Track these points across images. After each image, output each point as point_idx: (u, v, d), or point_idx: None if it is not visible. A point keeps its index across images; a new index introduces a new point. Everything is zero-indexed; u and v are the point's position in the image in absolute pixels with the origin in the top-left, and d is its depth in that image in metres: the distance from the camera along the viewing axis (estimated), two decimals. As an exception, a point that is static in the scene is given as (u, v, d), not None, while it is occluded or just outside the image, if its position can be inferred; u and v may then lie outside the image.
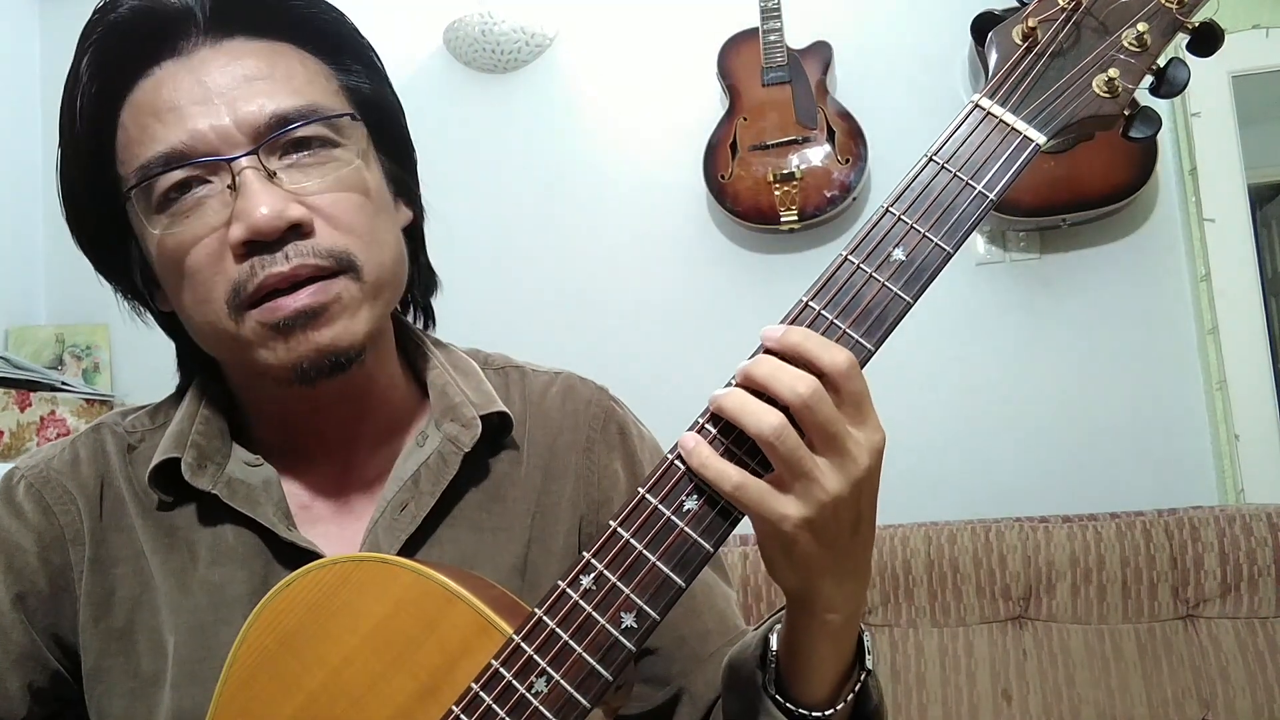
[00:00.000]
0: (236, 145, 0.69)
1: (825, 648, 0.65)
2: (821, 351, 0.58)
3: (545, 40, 2.47)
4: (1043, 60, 0.63)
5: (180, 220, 0.70)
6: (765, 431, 0.57)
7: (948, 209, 0.61)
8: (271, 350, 0.70)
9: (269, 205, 0.67)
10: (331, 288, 0.70)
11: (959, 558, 1.83)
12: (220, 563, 0.76)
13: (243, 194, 0.68)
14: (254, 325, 0.69)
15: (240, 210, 0.68)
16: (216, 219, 0.69)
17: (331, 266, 0.70)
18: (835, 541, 0.60)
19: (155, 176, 0.69)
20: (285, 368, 0.70)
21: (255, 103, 0.70)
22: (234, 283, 0.69)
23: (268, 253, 0.68)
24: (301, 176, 0.71)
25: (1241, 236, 2.10)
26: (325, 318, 0.70)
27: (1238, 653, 1.71)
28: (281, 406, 0.79)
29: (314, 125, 0.71)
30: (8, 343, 2.51)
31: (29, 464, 0.81)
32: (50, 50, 2.72)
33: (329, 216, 0.71)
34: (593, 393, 0.88)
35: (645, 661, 0.81)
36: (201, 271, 0.70)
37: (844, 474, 0.58)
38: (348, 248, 0.71)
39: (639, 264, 2.38)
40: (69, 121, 0.73)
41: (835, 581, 0.62)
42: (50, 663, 0.76)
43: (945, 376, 2.20)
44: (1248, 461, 2.04)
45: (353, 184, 0.73)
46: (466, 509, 0.79)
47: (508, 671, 0.60)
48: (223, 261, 0.69)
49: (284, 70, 0.72)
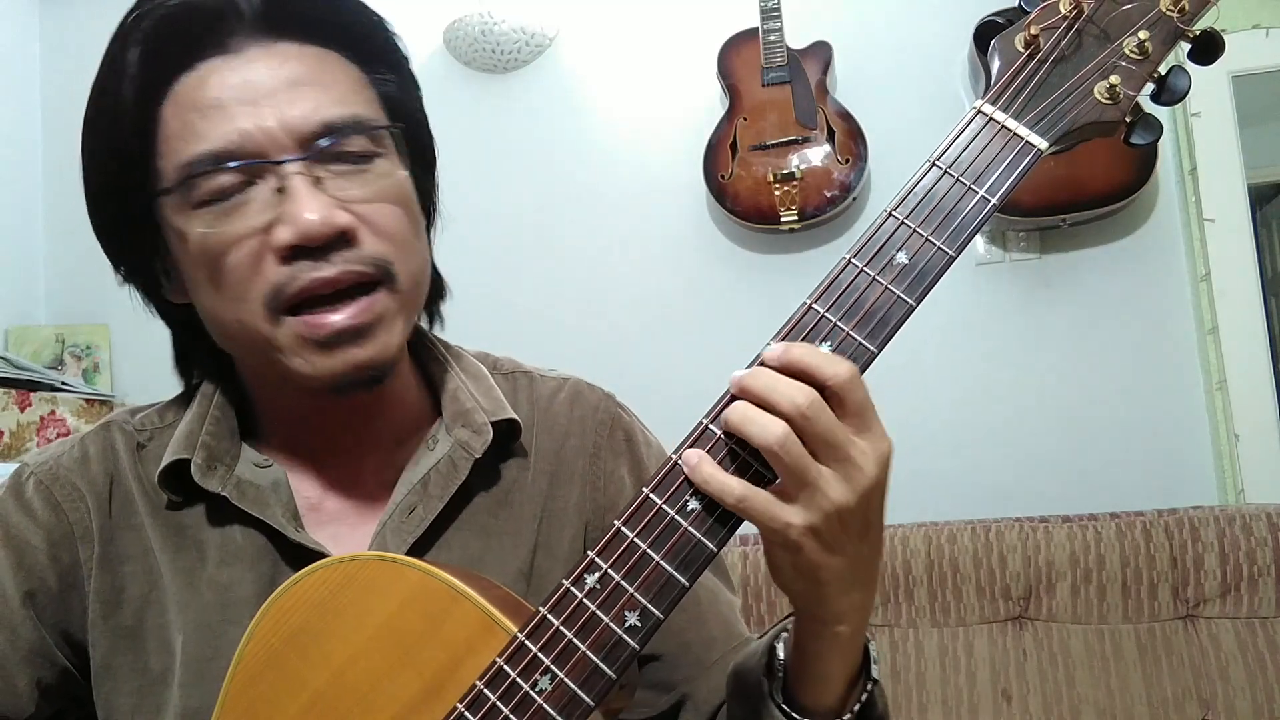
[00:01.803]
0: (283, 149, 0.69)
1: (833, 657, 0.65)
2: (824, 364, 0.58)
3: (545, 40, 2.48)
4: (1045, 67, 0.64)
5: (222, 219, 0.69)
6: (770, 442, 0.57)
7: (950, 213, 0.62)
8: (307, 361, 0.70)
9: (319, 211, 0.68)
10: (374, 306, 0.70)
11: (959, 558, 1.83)
12: (228, 563, 0.76)
13: (291, 198, 0.68)
14: (292, 333, 0.70)
15: (288, 214, 0.68)
16: (259, 220, 0.69)
17: (373, 274, 0.70)
18: (843, 550, 0.60)
19: (202, 175, 0.69)
20: (320, 379, 0.71)
21: (303, 108, 0.70)
22: (274, 285, 0.69)
23: (312, 258, 0.68)
24: (346, 184, 0.71)
25: (1241, 236, 2.11)
26: (368, 335, 0.70)
27: (1238, 653, 1.72)
28: (294, 408, 0.79)
29: (359, 136, 0.72)
30: (8, 343, 2.51)
31: (38, 460, 0.81)
32: (50, 50, 2.72)
33: (371, 224, 0.71)
34: (600, 399, 0.89)
35: (649, 667, 0.82)
36: (239, 270, 0.69)
37: (849, 483, 0.58)
38: (388, 256, 0.71)
39: (639, 264, 2.39)
40: (107, 111, 0.72)
41: (842, 590, 0.62)
42: (59, 660, 0.77)
43: (945, 376, 2.20)
44: (1248, 461, 2.05)
45: (393, 194, 0.73)
46: (474, 514, 0.79)
47: (512, 669, 0.60)
48: (262, 263, 0.69)
49: (329, 77, 0.72)
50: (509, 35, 2.45)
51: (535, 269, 2.43)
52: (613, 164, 2.43)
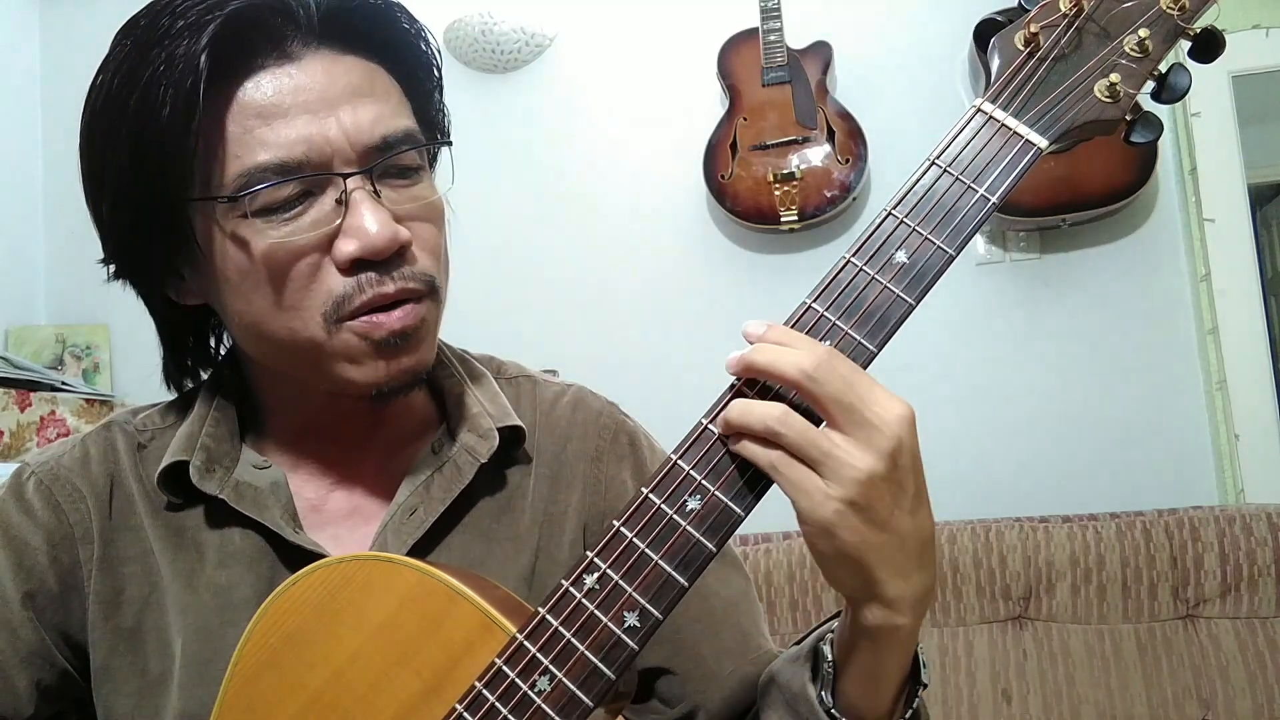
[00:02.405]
0: (347, 160, 0.69)
1: (890, 657, 0.62)
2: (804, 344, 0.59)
3: (545, 40, 2.48)
4: (1045, 65, 0.64)
5: (282, 229, 0.68)
6: (771, 422, 0.57)
7: (950, 212, 0.62)
8: (361, 366, 0.71)
9: (383, 226, 0.68)
10: (420, 310, 0.72)
11: (959, 558, 1.83)
12: (227, 564, 0.76)
13: (354, 211, 0.68)
14: (349, 338, 0.70)
15: (353, 227, 0.68)
16: (321, 231, 0.69)
17: (423, 291, 0.72)
18: (885, 524, 0.57)
19: (264, 185, 0.67)
20: (369, 384, 0.72)
21: (365, 119, 0.70)
22: (337, 296, 0.69)
23: (375, 271, 0.69)
24: (398, 198, 0.71)
25: (1241, 236, 2.11)
26: (415, 340, 0.72)
27: (1238, 653, 1.72)
28: (303, 411, 0.80)
29: (413, 152, 0.73)
30: (8, 343, 2.51)
31: (39, 460, 0.80)
32: (50, 50, 2.72)
33: (422, 241, 0.72)
34: (603, 405, 0.88)
35: (662, 681, 0.81)
36: (298, 280, 0.69)
37: (871, 446, 0.57)
38: (434, 273, 0.73)
39: (639, 264, 2.39)
40: (154, 110, 0.67)
41: (895, 573, 0.59)
42: (58, 661, 0.77)
43: (945, 376, 2.20)
44: (1248, 461, 2.05)
45: (436, 211, 0.75)
46: (477, 518, 0.79)
47: (511, 670, 0.60)
48: (321, 272, 0.69)
49: (382, 90, 0.73)
50: (509, 35, 2.45)
51: (535, 269, 2.43)
52: (613, 164, 2.43)
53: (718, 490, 0.60)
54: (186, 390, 0.85)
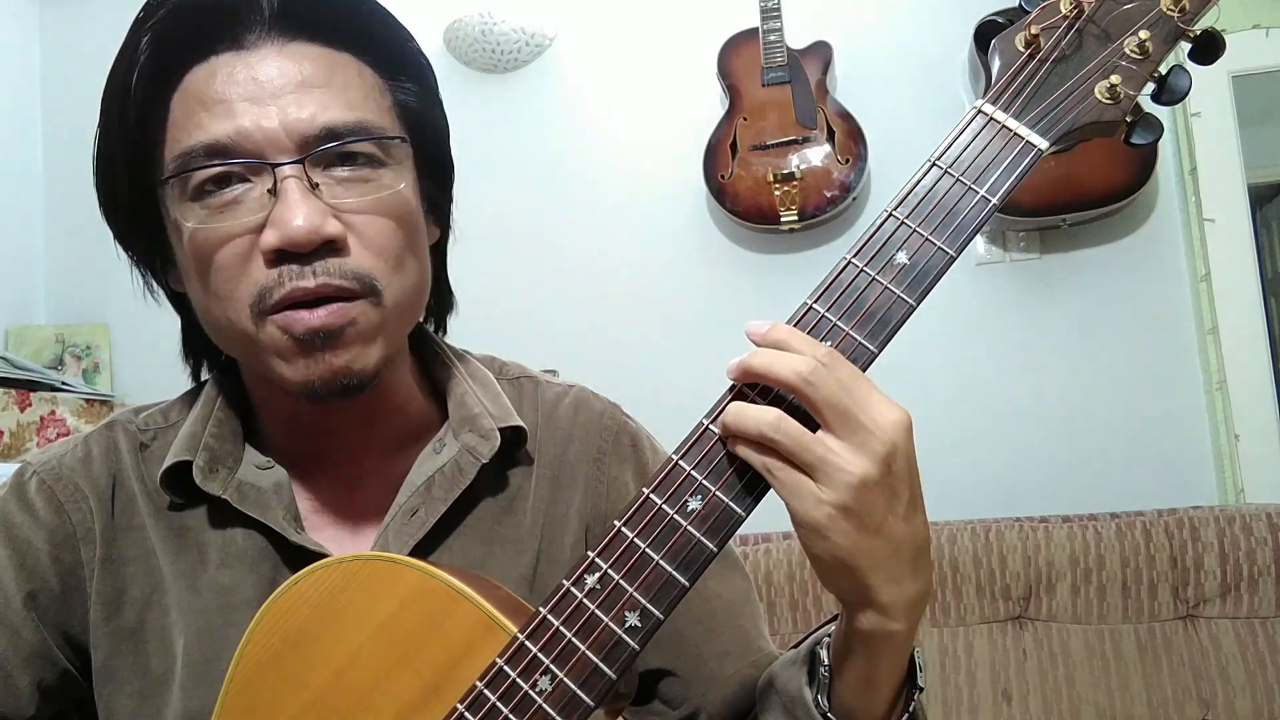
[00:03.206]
0: (283, 150, 0.68)
1: (884, 660, 0.63)
2: (804, 345, 0.59)
3: (545, 40, 2.48)
4: (1045, 66, 0.64)
5: (214, 215, 0.69)
6: (764, 428, 0.57)
7: (950, 213, 0.62)
8: (288, 363, 0.70)
9: (306, 217, 0.67)
10: (349, 310, 0.69)
11: (959, 558, 1.83)
12: (229, 565, 0.76)
13: (282, 201, 0.67)
14: (273, 331, 0.69)
15: (277, 217, 0.67)
16: (251, 220, 0.68)
17: (355, 289, 0.69)
18: (879, 529, 0.58)
19: (195, 168, 0.68)
20: (297, 383, 0.70)
21: (308, 110, 0.69)
22: (260, 287, 0.68)
23: (297, 264, 0.68)
24: (343, 191, 0.70)
25: (1241, 236, 2.11)
26: (341, 340, 0.69)
27: (1238, 653, 1.72)
28: (294, 410, 0.79)
29: (363, 143, 0.71)
30: (8, 343, 2.51)
31: (41, 459, 0.80)
32: (50, 50, 2.72)
33: (361, 236, 0.70)
34: (605, 406, 0.88)
35: (664, 683, 0.81)
36: (228, 269, 0.69)
37: (865, 450, 0.57)
38: (373, 272, 0.70)
39: (639, 264, 2.39)
40: (119, 99, 0.72)
41: (889, 578, 0.59)
42: (60, 661, 0.77)
43: (945, 376, 2.20)
44: (1248, 461, 2.05)
45: (390, 207, 0.72)
46: (478, 519, 0.79)
47: (512, 670, 0.60)
48: (250, 263, 0.69)
49: (341, 81, 0.71)
50: (509, 35, 2.45)
51: (535, 269, 2.43)
52: (613, 164, 2.43)
53: (718, 490, 0.60)
54: (190, 388, 0.85)
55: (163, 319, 0.85)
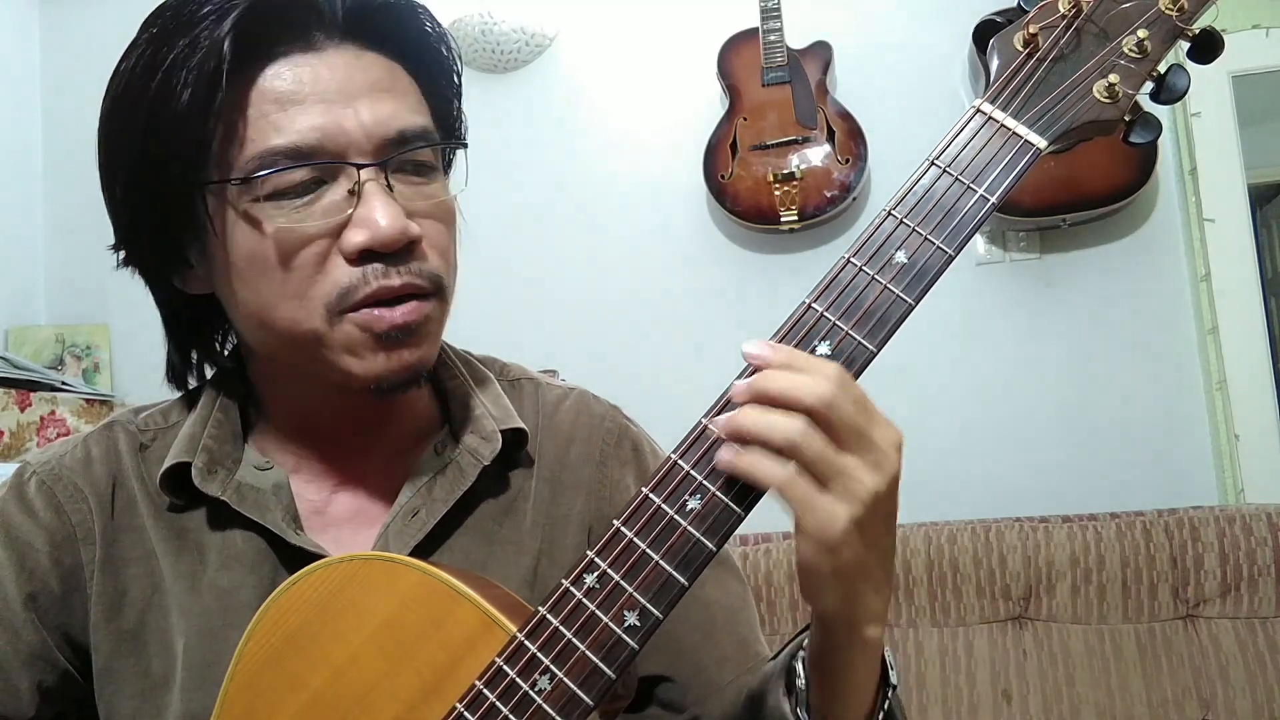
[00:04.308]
0: (362, 151, 0.69)
1: (863, 666, 0.64)
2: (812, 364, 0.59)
3: (545, 40, 2.48)
4: (1044, 66, 0.64)
5: (292, 214, 0.69)
6: (793, 436, 0.57)
7: (949, 212, 0.62)
8: (361, 359, 0.70)
9: (395, 218, 0.68)
10: (425, 308, 0.71)
11: (959, 558, 1.83)
12: (229, 567, 0.76)
13: (366, 202, 0.68)
14: (351, 330, 0.69)
15: (364, 218, 0.68)
16: (331, 221, 0.69)
17: (430, 289, 0.71)
18: (877, 542, 0.59)
19: (277, 170, 0.68)
20: (369, 378, 0.71)
21: (383, 113, 0.70)
22: (342, 287, 0.69)
23: (382, 263, 0.69)
24: (412, 195, 0.71)
25: (1241, 236, 2.11)
26: (418, 336, 0.71)
27: (1238, 653, 1.72)
28: (304, 410, 0.79)
29: (429, 150, 0.73)
30: (8, 343, 2.52)
31: (40, 460, 0.80)
32: (50, 50, 2.72)
33: (431, 239, 0.72)
34: (606, 409, 0.88)
35: (662, 688, 0.81)
36: (305, 269, 0.69)
37: (878, 469, 0.58)
38: (442, 273, 0.73)
39: (639, 264, 2.39)
40: (172, 91, 0.68)
41: (875, 588, 0.61)
42: (60, 663, 0.76)
43: (945, 376, 2.20)
44: (1248, 461, 2.05)
45: (446, 212, 0.75)
46: (479, 521, 0.79)
47: (511, 669, 0.60)
48: (329, 262, 0.69)
49: (403, 87, 0.73)
50: (509, 35, 2.46)
51: (535, 269, 2.43)
52: (613, 164, 2.43)
53: (717, 490, 0.60)
54: (190, 389, 0.84)
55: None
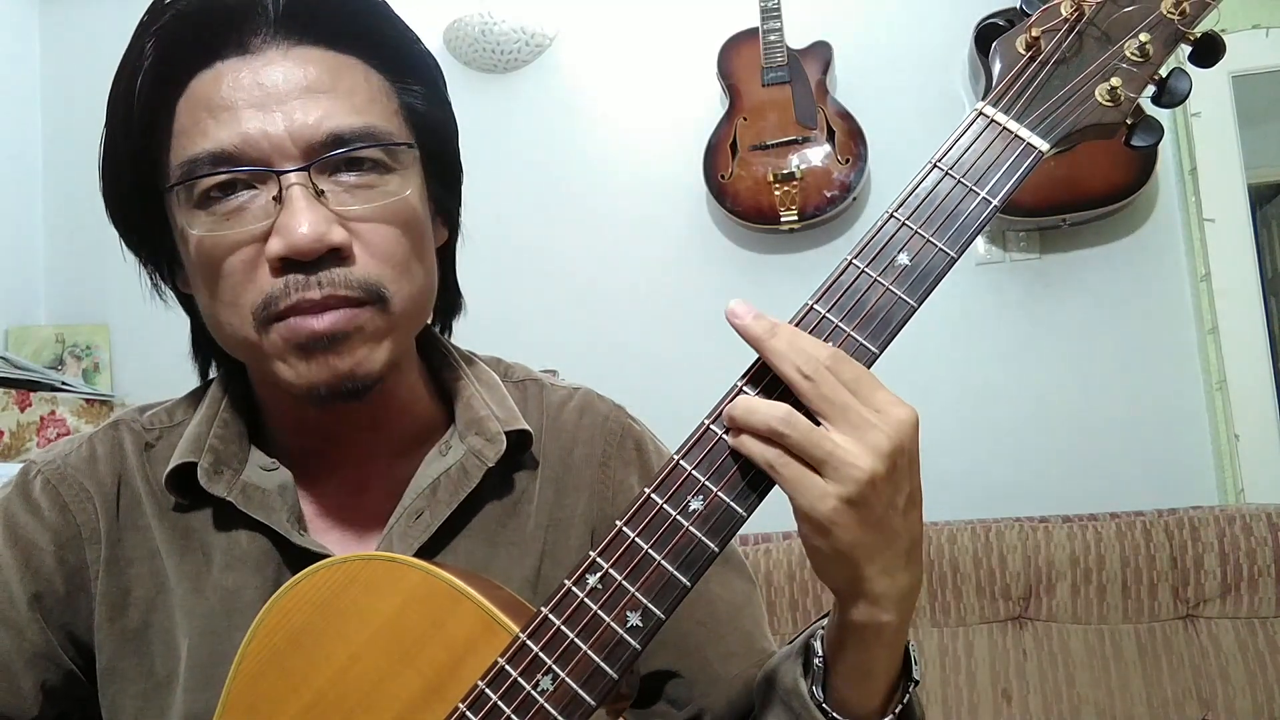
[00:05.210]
0: (288, 156, 0.68)
1: (877, 651, 0.63)
2: (806, 344, 0.60)
3: (545, 40, 2.48)
4: (1046, 69, 0.64)
5: (221, 222, 0.68)
6: (774, 422, 0.57)
7: (951, 215, 0.62)
8: (291, 367, 0.70)
9: (311, 225, 0.66)
10: (356, 319, 0.69)
11: (959, 558, 1.83)
12: (234, 567, 0.76)
13: (287, 209, 0.67)
14: (276, 340, 0.69)
15: (282, 226, 0.67)
16: (257, 227, 0.68)
17: (361, 298, 0.69)
18: (880, 523, 0.58)
19: (200, 175, 0.68)
20: (301, 387, 0.70)
21: (313, 116, 0.68)
22: (266, 295, 0.68)
23: (303, 272, 0.67)
24: (349, 198, 0.69)
25: (1241, 236, 2.11)
26: (346, 345, 0.69)
27: (1238, 653, 1.72)
28: (299, 414, 0.79)
29: (370, 149, 0.70)
30: (8, 343, 2.51)
31: (45, 459, 0.80)
32: (50, 50, 2.72)
33: (368, 243, 0.70)
34: (610, 409, 0.88)
35: (669, 684, 0.81)
36: (234, 276, 0.69)
37: (870, 447, 0.57)
38: (380, 279, 0.70)
39: (639, 264, 2.39)
40: (124, 103, 0.71)
41: (883, 570, 0.60)
42: (64, 662, 0.76)
43: (945, 376, 2.21)
44: (1248, 461, 2.05)
45: (396, 214, 0.71)
46: (483, 522, 0.79)
47: (514, 669, 0.60)
48: (256, 271, 0.68)
49: (347, 85, 0.71)
50: (509, 35, 2.46)
51: (535, 269, 2.43)
52: (613, 164, 2.43)
53: (720, 490, 0.60)
54: (195, 387, 0.85)
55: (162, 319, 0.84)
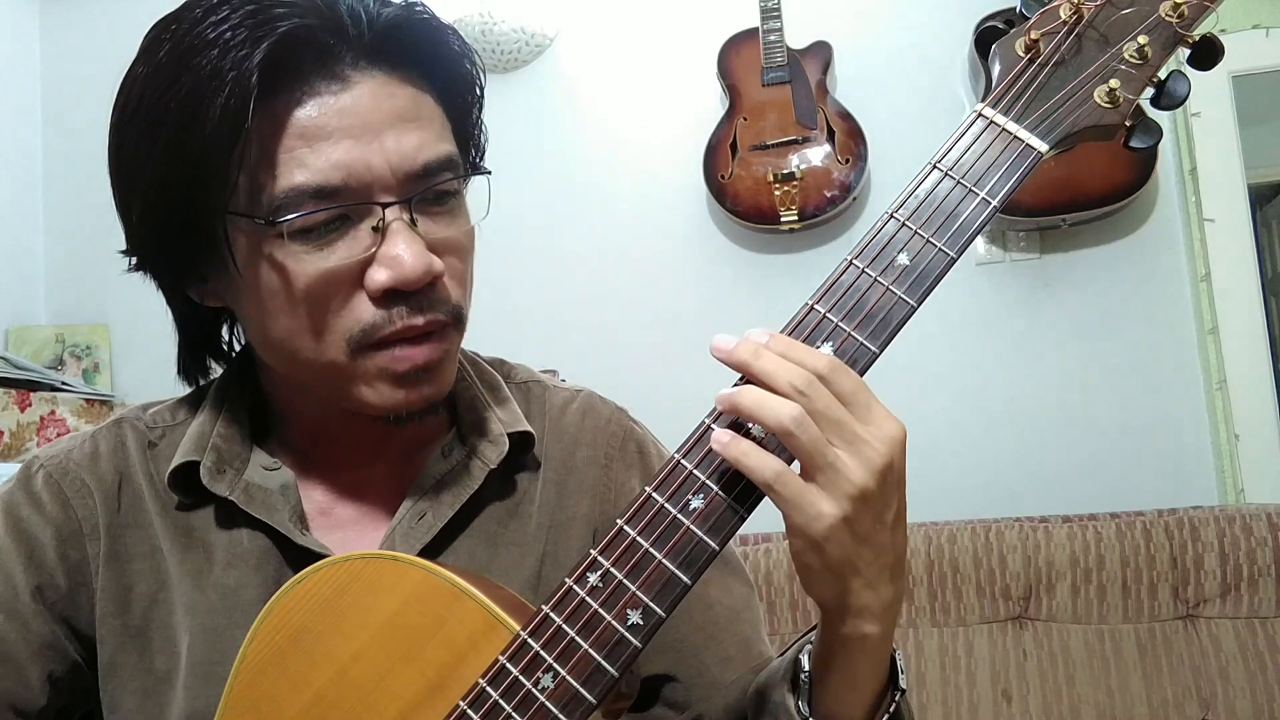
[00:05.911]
0: (386, 188, 0.68)
1: (862, 661, 0.64)
2: (805, 355, 0.59)
3: (545, 40, 2.48)
4: (1045, 71, 0.64)
5: (315, 251, 0.68)
6: (785, 421, 0.57)
7: (951, 215, 0.62)
8: (377, 392, 0.71)
9: (417, 257, 0.67)
10: (444, 345, 0.72)
11: (959, 558, 1.83)
12: (235, 566, 0.76)
13: (390, 241, 0.68)
14: (371, 367, 0.70)
15: (387, 257, 0.68)
16: (355, 258, 0.68)
17: (449, 321, 0.72)
18: (868, 538, 0.59)
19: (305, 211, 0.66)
20: (383, 409, 0.72)
21: (408, 146, 0.69)
22: (365, 324, 0.69)
23: (406, 303, 0.69)
24: (435, 228, 0.71)
25: (1241, 236, 2.11)
26: (439, 370, 0.72)
27: (1238, 653, 1.72)
28: (315, 418, 0.80)
29: (453, 180, 0.72)
30: (8, 343, 2.52)
31: (48, 454, 0.81)
32: (50, 50, 2.72)
33: (451, 269, 0.72)
34: (612, 411, 0.88)
35: (667, 688, 0.81)
36: (327, 305, 0.69)
37: (864, 462, 0.57)
38: (460, 301, 0.73)
39: (639, 264, 2.39)
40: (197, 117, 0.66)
41: (867, 584, 0.60)
42: (69, 653, 0.77)
43: (945, 376, 2.21)
44: (1248, 461, 2.05)
45: (467, 239, 0.74)
46: (485, 523, 0.79)
47: (515, 667, 0.61)
48: (354, 299, 0.69)
49: (427, 114, 0.72)
50: (509, 35, 2.46)
51: (535, 269, 2.43)
52: (613, 164, 2.43)
53: (720, 489, 0.60)
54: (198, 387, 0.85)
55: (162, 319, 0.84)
